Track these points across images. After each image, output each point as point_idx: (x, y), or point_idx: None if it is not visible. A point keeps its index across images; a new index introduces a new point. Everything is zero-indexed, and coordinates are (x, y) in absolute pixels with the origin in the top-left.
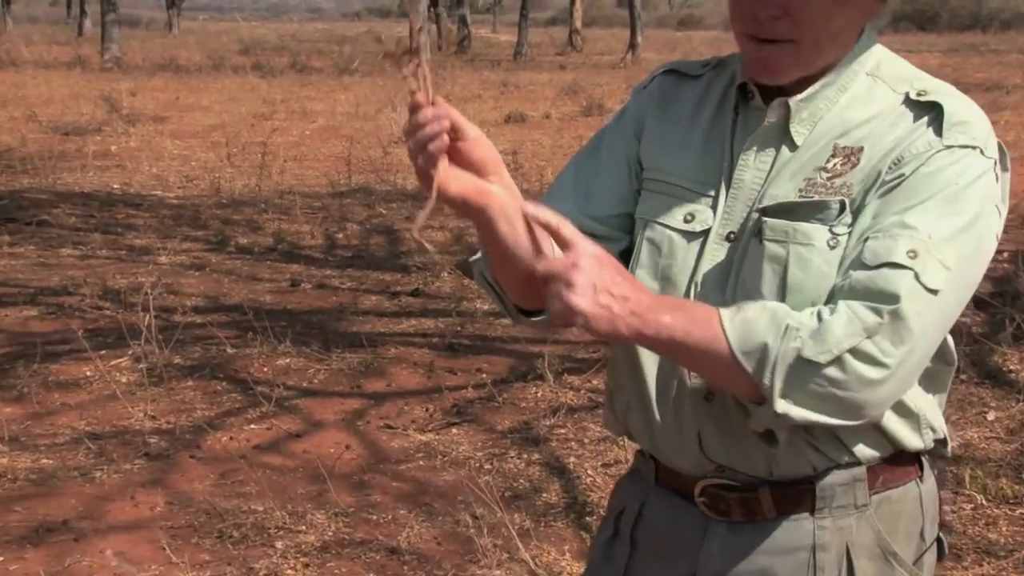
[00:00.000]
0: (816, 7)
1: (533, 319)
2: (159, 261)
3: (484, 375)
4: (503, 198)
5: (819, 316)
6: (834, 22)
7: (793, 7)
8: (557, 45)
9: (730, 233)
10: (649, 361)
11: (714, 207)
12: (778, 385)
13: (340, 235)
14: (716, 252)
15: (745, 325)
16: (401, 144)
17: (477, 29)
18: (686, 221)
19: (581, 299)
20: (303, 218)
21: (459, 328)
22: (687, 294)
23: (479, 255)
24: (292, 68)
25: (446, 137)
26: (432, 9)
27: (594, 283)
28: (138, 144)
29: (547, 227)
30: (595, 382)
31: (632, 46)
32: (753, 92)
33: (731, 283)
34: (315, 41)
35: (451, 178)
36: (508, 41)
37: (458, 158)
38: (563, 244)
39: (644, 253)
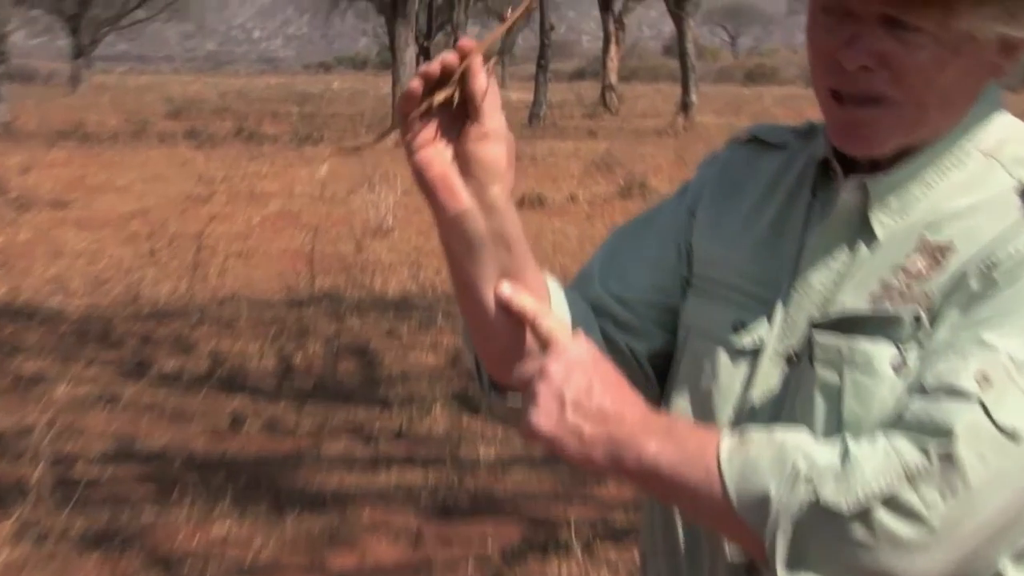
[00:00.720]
0: (925, 56)
1: (509, 403)
2: (56, 394)
3: (490, 546)
4: (469, 212)
5: (845, 450)
6: (945, 77)
7: (893, 56)
8: (586, 105)
9: (791, 353)
10: (680, 518)
11: (771, 317)
12: (781, 548)
13: (298, 357)
14: (770, 377)
15: (746, 465)
16: (380, 237)
17: None
18: (735, 331)
19: (543, 417)
20: (249, 334)
21: (456, 482)
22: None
23: None
24: (237, 136)
25: (417, 83)
26: (421, 58)
27: (562, 396)
28: (31, 237)
29: (522, 315)
30: (638, 555)
31: (684, 106)
32: (836, 170)
33: (783, 421)
34: (267, 100)
35: (430, 144)
36: (521, 100)
37: (459, 143)
38: (540, 341)
39: (683, 371)
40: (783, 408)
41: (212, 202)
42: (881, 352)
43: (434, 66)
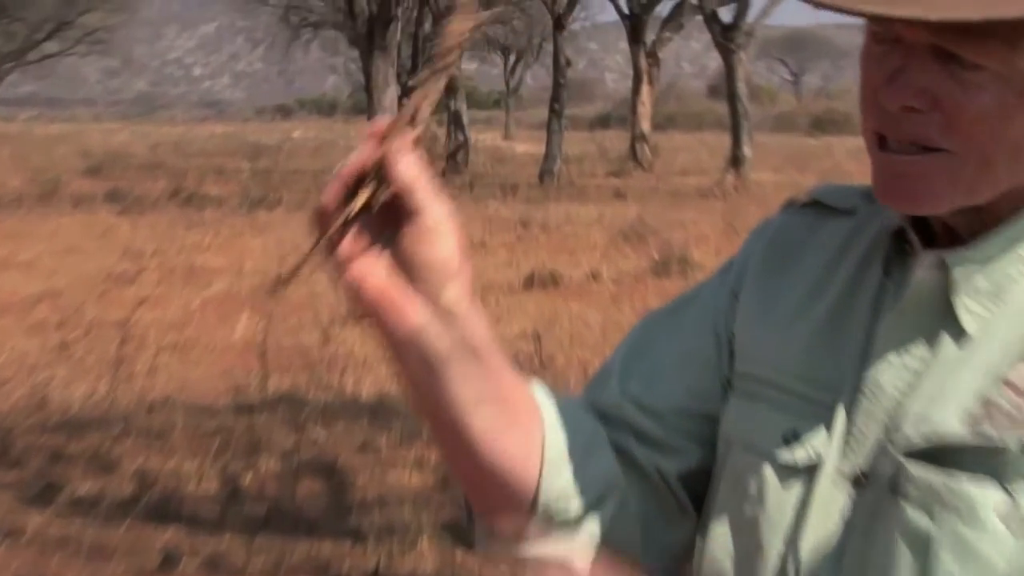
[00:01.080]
0: (987, 100)
1: (505, 548)
2: None
3: None
4: (424, 328)
5: None
6: (1017, 127)
7: (946, 96)
8: (611, 159)
9: (858, 474)
10: None
11: (831, 426)
12: None
13: (248, 477)
14: (830, 503)
15: None
16: (352, 325)
17: (480, 134)
18: (786, 443)
19: None
20: (186, 448)
21: None
22: (782, 571)
23: None
24: (172, 199)
25: (331, 192)
26: (404, 101)
27: None
28: None
29: None
30: None
31: (735, 161)
32: (912, 242)
33: (850, 562)
34: (211, 154)
35: (359, 257)
36: (530, 153)
37: (396, 246)
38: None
39: (723, 493)
40: (848, 544)
41: (140, 282)
42: (986, 496)
43: (348, 168)
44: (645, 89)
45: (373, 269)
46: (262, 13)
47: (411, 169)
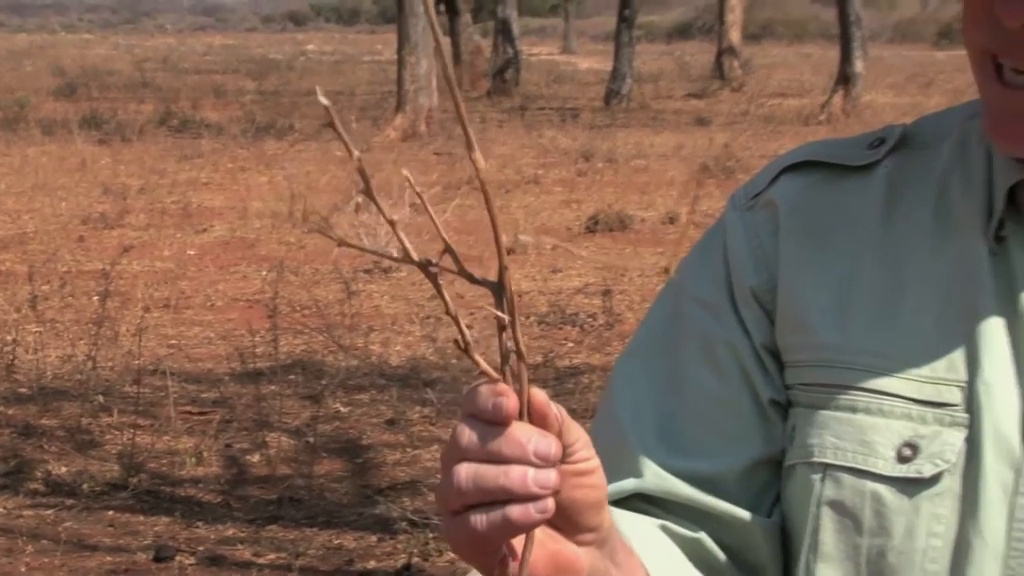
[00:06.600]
0: None
1: None
2: None
3: None
4: (594, 562)
5: None
6: None
7: None
8: (693, 78)
9: (1011, 480)
10: None
11: (973, 423)
12: None
13: (255, 457)
14: (990, 519)
15: None
16: (379, 278)
17: (533, 47)
18: (901, 460)
19: None
20: (181, 425)
21: None
22: None
23: None
24: (162, 125)
25: (551, 503)
26: (442, 6)
27: None
28: None
29: None
30: None
31: (845, 79)
32: None
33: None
34: (208, 71)
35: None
36: (594, 70)
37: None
38: None
39: (827, 533)
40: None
41: (124, 225)
42: None
43: (546, 507)
44: None
45: (542, 550)
46: None
47: (567, 422)
